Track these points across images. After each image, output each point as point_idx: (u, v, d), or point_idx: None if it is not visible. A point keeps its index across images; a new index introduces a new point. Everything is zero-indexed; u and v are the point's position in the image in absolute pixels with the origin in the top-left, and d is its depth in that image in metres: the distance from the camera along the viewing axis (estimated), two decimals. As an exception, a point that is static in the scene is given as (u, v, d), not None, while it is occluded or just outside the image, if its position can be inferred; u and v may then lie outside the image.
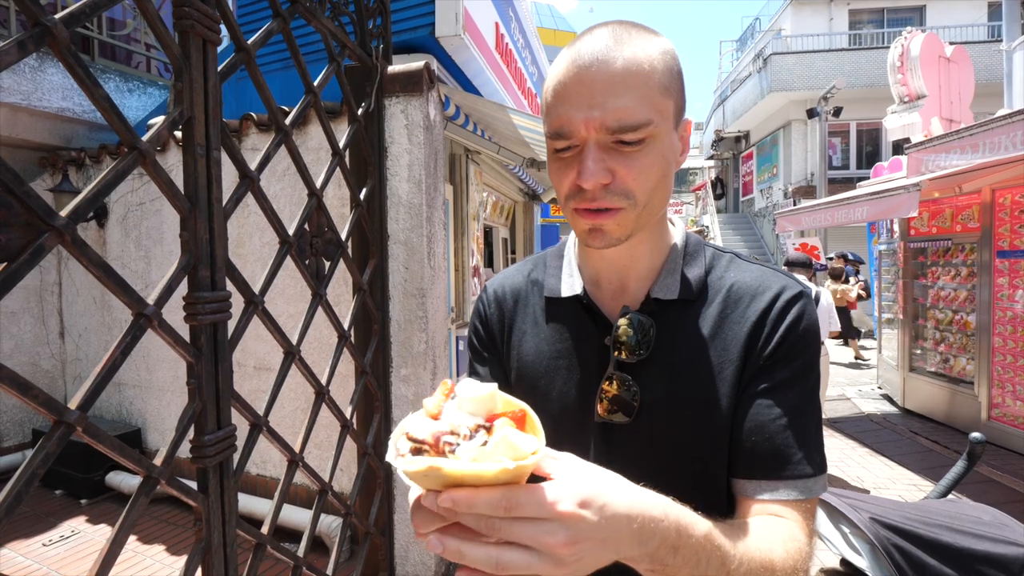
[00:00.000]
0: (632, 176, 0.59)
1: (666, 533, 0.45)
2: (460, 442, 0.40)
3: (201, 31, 1.10)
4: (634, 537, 0.43)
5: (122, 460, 0.92)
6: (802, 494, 0.59)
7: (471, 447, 0.40)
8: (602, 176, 0.58)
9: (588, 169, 0.58)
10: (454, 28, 3.13)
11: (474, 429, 0.41)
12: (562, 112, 0.59)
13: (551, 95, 0.61)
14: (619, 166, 0.58)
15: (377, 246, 2.13)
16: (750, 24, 18.70)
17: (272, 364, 2.91)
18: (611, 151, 0.59)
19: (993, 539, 1.11)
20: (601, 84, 0.57)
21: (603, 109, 0.57)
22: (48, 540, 2.84)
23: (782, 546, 0.54)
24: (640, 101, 0.57)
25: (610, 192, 0.59)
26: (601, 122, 0.57)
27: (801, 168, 13.58)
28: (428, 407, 0.44)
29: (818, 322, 0.65)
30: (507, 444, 0.39)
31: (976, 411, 4.44)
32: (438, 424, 0.42)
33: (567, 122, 0.59)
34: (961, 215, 4.66)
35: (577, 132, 0.58)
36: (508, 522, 0.39)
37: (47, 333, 3.91)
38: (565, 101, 0.59)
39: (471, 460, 0.39)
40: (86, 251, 0.85)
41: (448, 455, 0.40)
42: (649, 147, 0.59)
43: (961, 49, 6.91)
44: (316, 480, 1.64)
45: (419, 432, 0.41)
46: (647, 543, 0.44)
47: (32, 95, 3.55)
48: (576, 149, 0.60)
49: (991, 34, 12.88)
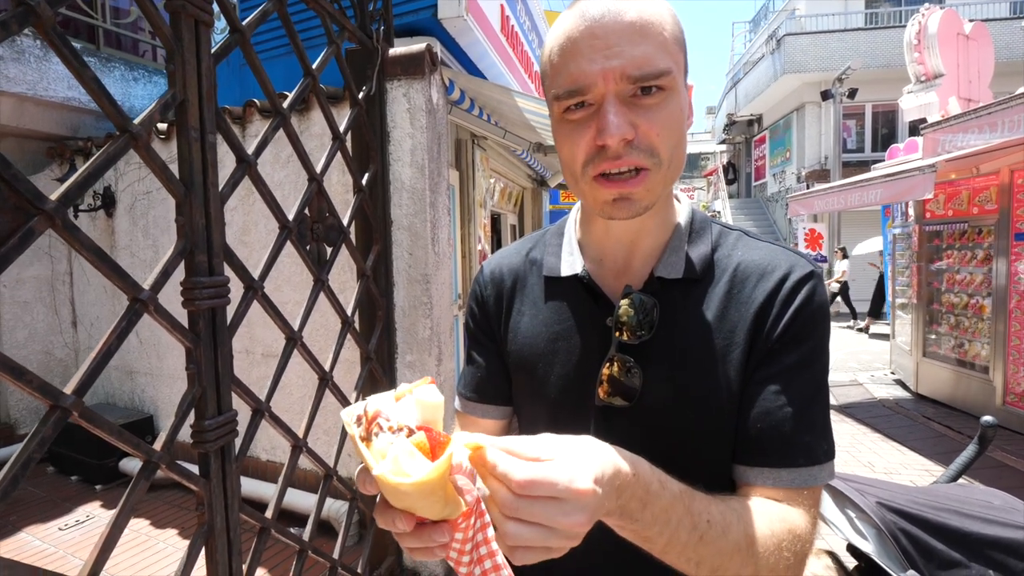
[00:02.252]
0: (656, 130, 0.56)
1: (635, 487, 0.45)
2: (384, 432, 0.43)
3: (193, 12, 1.08)
4: (615, 494, 0.44)
5: (120, 445, 0.92)
6: (806, 482, 0.57)
7: (385, 440, 0.42)
8: (626, 130, 0.54)
9: (612, 123, 0.54)
10: (457, 9, 3.08)
11: (399, 428, 0.43)
12: (574, 68, 0.55)
13: (558, 54, 0.58)
14: (641, 120, 0.55)
15: (380, 232, 2.12)
16: (764, 4, 18.29)
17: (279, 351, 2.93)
18: (631, 105, 0.55)
19: (1003, 524, 1.09)
20: (616, 34, 0.54)
21: (622, 58, 0.53)
22: (64, 524, 2.90)
23: (768, 524, 0.53)
24: (659, 49, 0.55)
25: (635, 148, 0.56)
26: (622, 71, 0.54)
27: (815, 152, 13.34)
28: (397, 390, 0.47)
29: (828, 303, 0.62)
30: (394, 460, 0.40)
31: (991, 396, 4.38)
32: (386, 407, 0.45)
33: (581, 76, 0.55)
34: (978, 197, 4.54)
35: (594, 86, 0.55)
36: (525, 500, 0.39)
37: (60, 322, 3.97)
38: (577, 55, 0.55)
39: (376, 451, 0.42)
40: (77, 235, 0.84)
41: (372, 436, 0.43)
42: (669, 99, 0.56)
43: (981, 26, 6.70)
44: (321, 465, 1.65)
45: (370, 405, 0.45)
46: (620, 496, 0.44)
47: (38, 85, 3.56)
48: (591, 108, 0.56)
49: (1014, 11, 12.48)
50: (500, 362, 0.75)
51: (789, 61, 12.83)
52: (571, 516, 0.39)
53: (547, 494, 0.38)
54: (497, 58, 4.05)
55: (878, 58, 12.20)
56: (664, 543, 0.48)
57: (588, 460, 0.42)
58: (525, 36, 5.28)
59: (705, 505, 0.50)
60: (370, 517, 2.04)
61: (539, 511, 0.38)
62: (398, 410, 0.45)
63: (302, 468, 2.91)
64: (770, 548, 0.52)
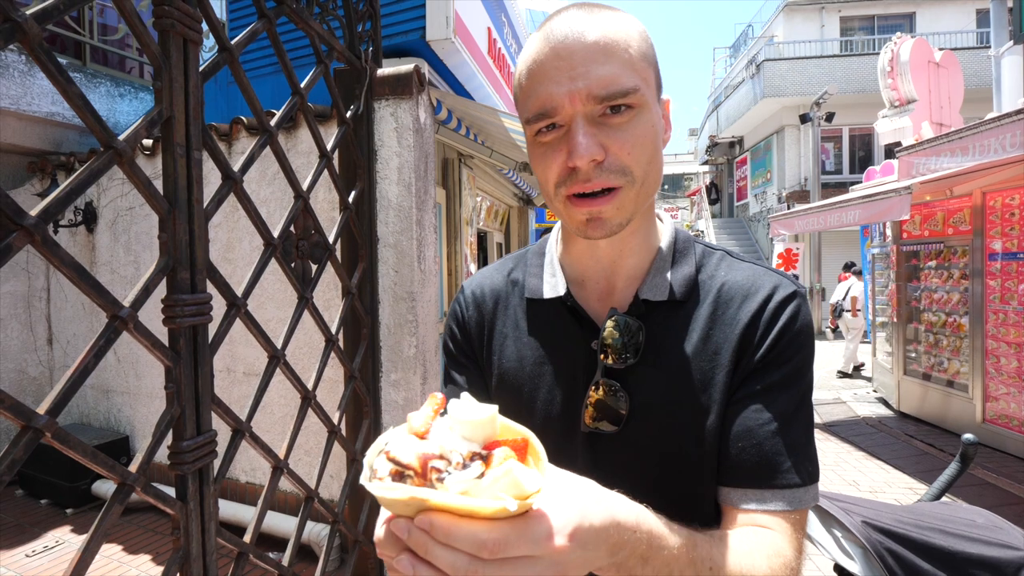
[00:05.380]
0: (626, 149, 0.56)
1: (636, 543, 0.43)
2: (451, 470, 0.35)
3: (182, 30, 1.08)
4: (609, 551, 0.41)
5: (94, 467, 0.89)
6: (790, 505, 0.55)
7: (463, 478, 0.34)
8: (595, 151, 0.54)
9: (580, 145, 0.54)
10: (445, 32, 3.13)
11: (468, 457, 0.36)
12: (541, 91, 0.56)
13: (526, 77, 0.58)
14: (611, 140, 0.55)
15: (366, 249, 2.11)
16: (743, 31, 18.83)
17: (262, 370, 2.88)
18: (600, 125, 0.55)
19: (987, 542, 1.09)
20: (580, 55, 0.54)
21: (587, 79, 0.54)
22: (32, 550, 2.79)
23: (765, 561, 0.51)
24: (624, 67, 0.55)
25: (605, 170, 0.56)
26: (588, 91, 0.54)
27: (795, 173, 13.65)
28: (414, 424, 0.39)
29: (812, 323, 0.62)
30: (511, 481, 0.34)
31: (971, 413, 4.44)
32: (425, 445, 0.37)
33: (548, 99, 0.55)
34: (952, 218, 4.68)
35: (561, 108, 0.55)
36: (494, 564, 0.35)
37: (35, 340, 3.86)
38: (544, 78, 0.56)
39: (460, 494, 0.34)
40: (57, 251, 0.82)
41: (436, 484, 0.35)
42: (639, 116, 0.56)
43: (950, 54, 6.97)
44: (302, 487, 1.61)
45: (403, 454, 0.36)
46: (617, 554, 0.42)
47: (21, 99, 3.52)
48: (561, 130, 0.57)
49: (980, 40, 13.01)
50: (481, 383, 0.73)
51: (768, 85, 13.19)
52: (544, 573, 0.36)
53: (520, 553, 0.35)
54: (484, 79, 4.11)
55: (854, 83, 12.60)
56: None
57: (569, 511, 0.39)
58: (512, 58, 5.37)
59: (707, 551, 0.49)
60: (351, 540, 1.99)
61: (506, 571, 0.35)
62: (451, 440, 0.37)
63: (282, 490, 2.84)
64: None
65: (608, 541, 0.41)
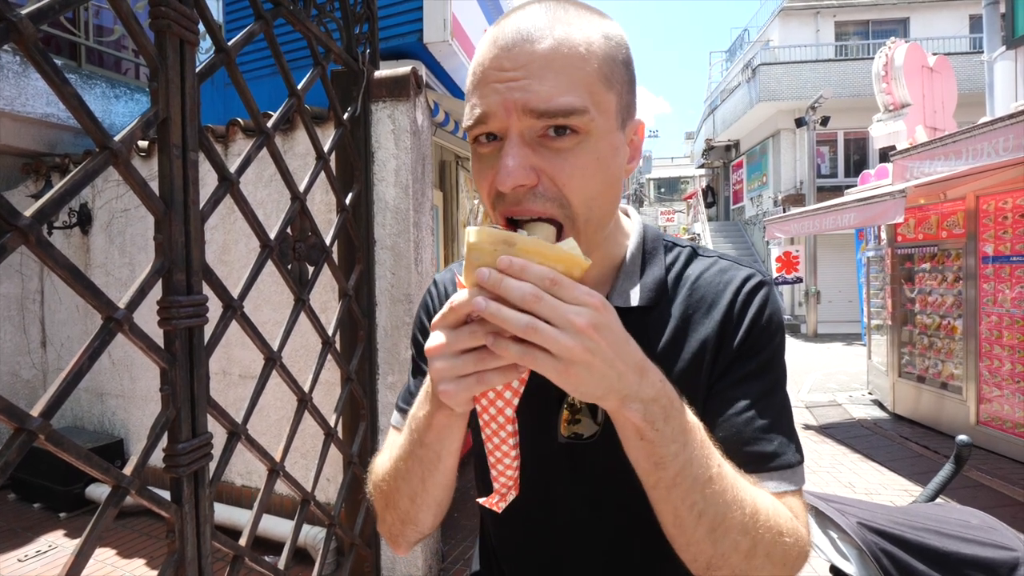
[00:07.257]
0: (563, 177, 0.49)
1: (660, 392, 0.46)
2: None
3: (178, 31, 1.08)
4: (637, 369, 0.44)
5: (88, 469, 0.89)
6: (792, 484, 0.55)
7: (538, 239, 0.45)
8: (522, 176, 0.48)
9: (505, 167, 0.48)
10: (442, 34, 3.13)
11: None
12: (479, 96, 0.50)
13: (470, 80, 0.52)
14: (548, 165, 0.49)
15: (363, 251, 2.11)
16: (739, 35, 18.95)
17: (258, 372, 2.87)
18: (538, 147, 0.49)
19: (981, 543, 1.10)
20: (524, 64, 0.48)
21: (526, 91, 0.47)
22: (24, 555, 2.77)
23: (772, 503, 0.52)
24: (572, 85, 0.48)
25: (539, 196, 0.49)
26: (524, 104, 0.47)
27: (790, 176, 13.71)
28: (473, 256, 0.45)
29: (781, 310, 0.63)
30: (573, 250, 0.44)
31: (965, 416, 4.46)
32: None
33: (485, 106, 0.49)
34: (946, 221, 4.70)
35: (495, 117, 0.49)
36: (547, 297, 0.40)
37: (28, 342, 3.84)
38: (483, 83, 0.50)
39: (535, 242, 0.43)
40: (52, 252, 0.82)
41: None
42: (585, 144, 0.49)
43: (943, 59, 7.03)
44: (298, 490, 1.61)
45: None
46: (645, 378, 0.45)
47: (16, 100, 3.51)
48: (498, 143, 0.51)
49: (973, 46, 13.11)
50: None
51: (764, 89, 13.26)
52: (580, 316, 0.40)
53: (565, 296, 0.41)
54: (482, 82, 4.12)
55: (848, 88, 12.68)
56: (676, 470, 0.46)
57: None
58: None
59: (719, 452, 0.50)
60: (348, 544, 1.99)
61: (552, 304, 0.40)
62: None
63: (278, 493, 2.83)
64: (771, 525, 0.49)
65: (636, 357, 0.45)
